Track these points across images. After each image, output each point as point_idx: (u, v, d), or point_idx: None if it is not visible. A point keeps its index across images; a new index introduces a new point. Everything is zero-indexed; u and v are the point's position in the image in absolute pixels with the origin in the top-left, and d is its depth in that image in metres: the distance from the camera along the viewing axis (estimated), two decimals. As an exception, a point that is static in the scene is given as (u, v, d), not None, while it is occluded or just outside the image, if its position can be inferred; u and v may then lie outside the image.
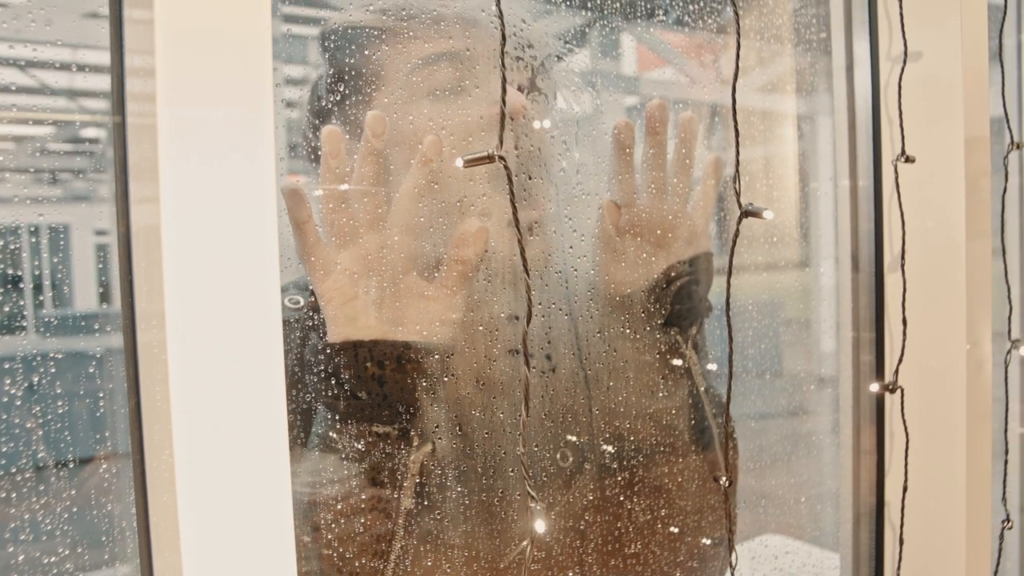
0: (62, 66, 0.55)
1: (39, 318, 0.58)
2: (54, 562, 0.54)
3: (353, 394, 0.60)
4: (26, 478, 0.54)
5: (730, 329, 0.57)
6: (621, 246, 0.74)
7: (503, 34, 0.45)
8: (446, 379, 0.64)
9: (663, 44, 0.93)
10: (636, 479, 0.75)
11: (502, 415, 0.67)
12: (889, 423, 0.86)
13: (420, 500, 0.63)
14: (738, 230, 0.54)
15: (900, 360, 0.80)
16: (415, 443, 0.62)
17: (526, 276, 0.45)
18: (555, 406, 0.71)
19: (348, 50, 0.68)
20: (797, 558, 0.96)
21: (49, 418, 0.54)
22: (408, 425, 0.62)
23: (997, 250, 0.88)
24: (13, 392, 0.53)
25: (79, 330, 0.58)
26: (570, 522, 0.72)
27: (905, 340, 0.80)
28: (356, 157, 0.60)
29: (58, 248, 0.58)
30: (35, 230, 0.56)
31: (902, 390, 0.80)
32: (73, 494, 0.55)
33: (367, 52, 0.68)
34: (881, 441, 0.87)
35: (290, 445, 0.46)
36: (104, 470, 0.54)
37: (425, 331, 0.63)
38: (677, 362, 0.75)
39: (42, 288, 0.59)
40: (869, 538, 0.89)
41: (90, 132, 0.59)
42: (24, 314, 0.56)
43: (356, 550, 0.61)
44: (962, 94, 0.79)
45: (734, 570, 0.59)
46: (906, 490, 0.82)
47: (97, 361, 0.54)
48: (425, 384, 0.62)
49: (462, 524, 0.66)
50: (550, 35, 0.75)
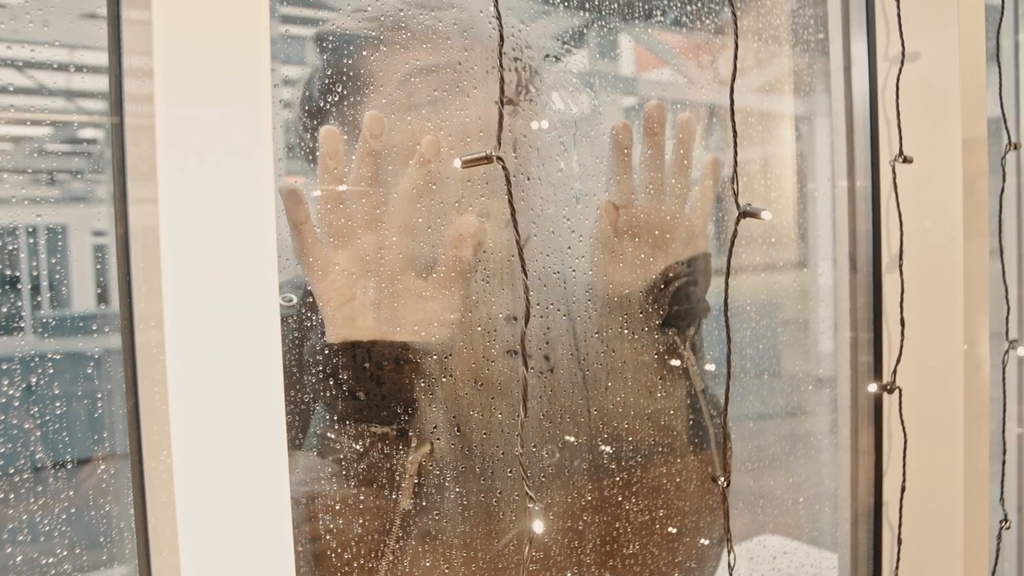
0: (60, 67, 0.55)
1: (37, 319, 0.58)
2: (52, 563, 0.54)
3: (351, 394, 0.60)
4: (24, 479, 0.54)
5: (728, 329, 0.57)
6: (619, 247, 0.74)
7: (501, 35, 0.45)
8: (444, 380, 0.64)
9: (661, 45, 0.93)
10: (633, 479, 0.75)
11: (500, 416, 0.67)
12: (887, 423, 0.86)
13: (418, 500, 0.63)
14: (736, 230, 0.55)
15: (898, 360, 0.80)
16: (413, 443, 0.62)
17: (524, 277, 0.45)
18: (553, 407, 0.71)
19: (341, 53, 0.68)
20: (795, 558, 0.96)
21: (47, 419, 0.54)
22: (406, 425, 0.62)
23: (995, 250, 0.88)
24: (11, 393, 0.53)
25: (77, 331, 0.58)
26: (567, 522, 0.72)
27: (903, 340, 0.80)
28: (354, 158, 0.60)
29: (56, 249, 0.58)
30: (33, 231, 0.56)
31: (900, 390, 0.80)
32: (71, 495, 0.55)
33: (358, 57, 0.68)
34: (879, 441, 0.87)
35: (288, 446, 0.46)
36: (102, 471, 0.54)
37: (423, 331, 0.63)
38: (675, 363, 0.75)
39: (40, 289, 0.58)
40: (867, 538, 0.89)
41: (88, 133, 0.59)
42: (22, 315, 0.56)
43: (354, 550, 0.61)
44: (960, 95, 0.79)
45: (732, 570, 0.59)
46: (904, 490, 0.82)
47: (95, 362, 0.54)
48: (423, 384, 0.62)
49: (460, 524, 0.66)
50: (547, 36, 0.75)
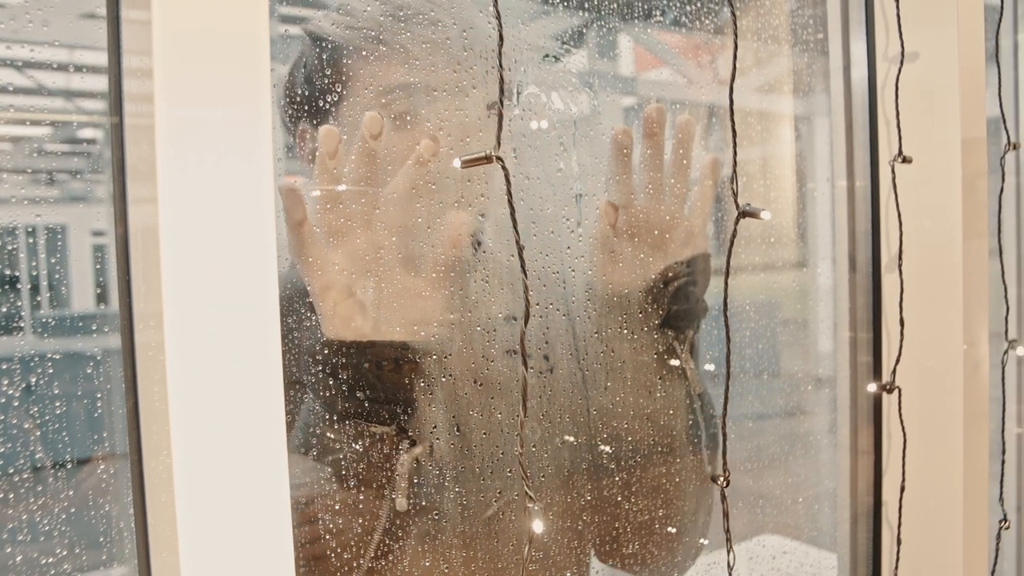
0: (59, 67, 0.55)
1: (36, 319, 0.58)
2: (52, 563, 0.54)
3: (350, 394, 0.60)
4: (24, 479, 0.54)
5: (728, 329, 0.57)
6: (619, 247, 0.74)
7: (500, 35, 0.45)
8: (444, 379, 0.64)
9: (660, 45, 0.93)
10: (632, 479, 0.75)
11: (500, 415, 0.67)
12: (887, 423, 0.86)
13: (417, 500, 0.63)
14: (735, 230, 0.55)
15: (897, 360, 0.80)
16: (412, 443, 0.62)
17: (523, 277, 0.45)
18: (553, 406, 0.71)
19: (327, 51, 0.68)
20: (795, 558, 0.96)
21: (47, 419, 0.54)
22: (405, 425, 0.62)
23: (994, 250, 0.88)
24: (11, 393, 0.53)
25: (77, 331, 0.58)
26: (568, 521, 0.72)
27: (902, 340, 0.80)
28: (352, 157, 0.60)
29: (56, 249, 0.58)
30: (33, 231, 0.56)
31: (899, 390, 0.80)
32: (71, 495, 0.55)
33: (341, 63, 0.68)
34: (878, 441, 0.88)
35: (288, 446, 0.46)
36: (102, 470, 0.54)
37: (421, 330, 0.63)
38: (674, 363, 0.75)
39: (39, 289, 0.59)
40: (866, 538, 0.89)
41: (87, 133, 0.59)
42: (22, 315, 0.56)
43: (353, 550, 0.61)
44: (959, 95, 0.79)
45: (732, 570, 0.59)
46: (903, 490, 0.82)
47: (95, 362, 0.54)
48: (423, 384, 0.62)
49: (459, 524, 0.66)
50: (547, 36, 0.75)
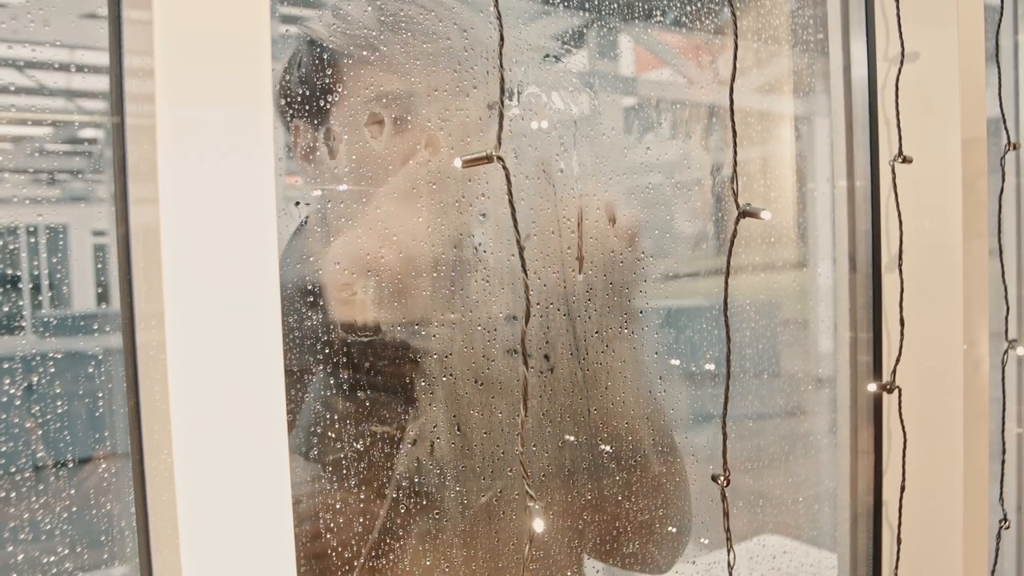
0: (61, 66, 0.55)
1: (38, 318, 0.58)
2: (53, 561, 0.54)
3: (351, 393, 0.60)
4: (25, 478, 0.54)
5: (728, 329, 0.57)
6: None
7: (501, 35, 0.45)
8: (444, 379, 0.64)
9: (661, 45, 0.93)
10: (620, 478, 0.75)
11: (500, 415, 0.67)
12: (887, 423, 0.86)
13: (418, 499, 0.63)
14: (736, 230, 0.55)
15: (898, 360, 0.80)
16: (413, 442, 0.62)
17: (524, 276, 0.45)
18: (553, 406, 0.71)
19: (324, 56, 0.68)
20: (795, 558, 0.96)
21: (48, 418, 0.54)
22: (406, 424, 0.62)
23: (994, 250, 0.88)
24: (12, 392, 0.53)
25: (78, 330, 0.58)
26: (568, 520, 0.73)
27: (903, 340, 0.81)
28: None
29: (57, 248, 0.58)
30: (34, 230, 0.56)
31: (900, 390, 0.80)
32: (72, 494, 0.55)
33: (341, 64, 0.68)
34: (879, 441, 0.88)
35: (289, 445, 0.46)
36: (103, 470, 0.54)
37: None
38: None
39: (41, 288, 0.59)
40: (867, 538, 0.89)
41: (89, 132, 0.59)
42: (23, 314, 0.56)
43: (354, 548, 0.61)
44: (959, 95, 0.79)
45: (732, 569, 0.59)
46: (904, 490, 0.82)
47: (96, 361, 0.54)
48: (423, 383, 0.63)
49: (460, 523, 0.66)
50: (547, 36, 0.75)
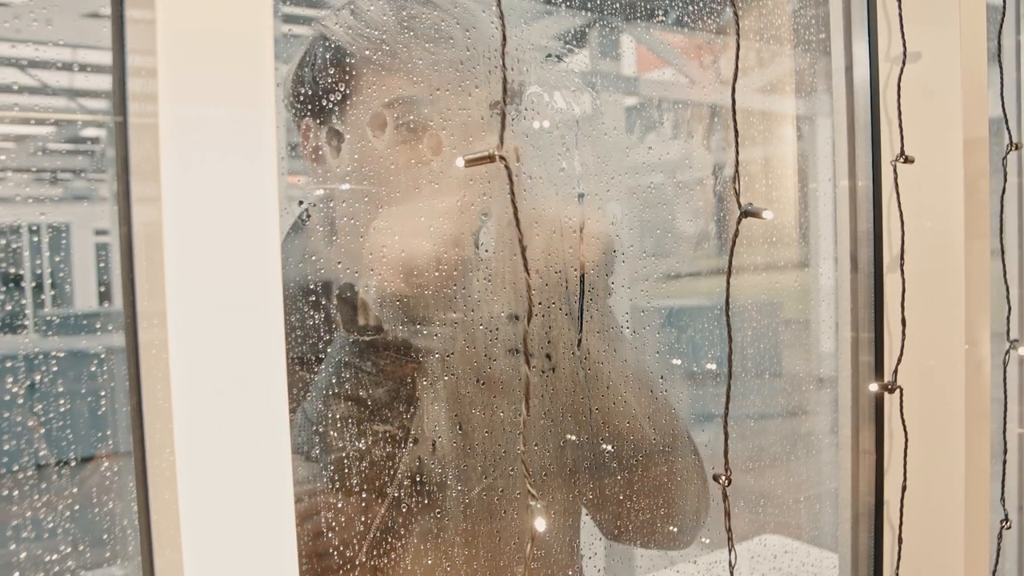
0: (63, 66, 0.55)
1: (40, 317, 0.58)
2: (55, 560, 0.54)
3: (353, 392, 0.60)
4: (28, 476, 0.54)
5: (729, 329, 0.57)
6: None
7: (503, 35, 0.45)
8: (446, 378, 0.64)
9: (663, 45, 0.93)
10: (624, 477, 0.75)
11: (502, 414, 0.67)
12: (888, 423, 0.86)
13: (419, 498, 0.63)
14: (738, 230, 0.55)
15: (899, 360, 0.80)
16: (415, 441, 0.62)
17: (526, 276, 0.45)
18: (555, 405, 0.71)
19: (334, 56, 0.68)
20: (796, 557, 0.96)
21: (51, 416, 0.54)
22: (408, 423, 0.62)
23: (996, 251, 0.88)
24: (15, 391, 0.53)
25: (80, 329, 0.58)
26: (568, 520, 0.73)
27: (904, 340, 0.80)
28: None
29: (59, 247, 0.58)
30: (36, 229, 0.56)
31: (901, 390, 0.80)
32: (75, 492, 0.55)
33: (351, 65, 0.68)
34: (880, 441, 0.87)
35: (291, 444, 0.46)
36: (105, 468, 0.54)
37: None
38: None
39: (43, 287, 0.59)
40: (868, 538, 0.89)
41: (91, 132, 0.59)
42: (26, 313, 0.56)
43: (356, 547, 0.61)
44: (961, 95, 0.79)
45: (733, 569, 0.59)
46: (905, 490, 0.82)
47: (99, 360, 0.55)
48: (425, 383, 0.63)
49: (462, 522, 0.66)
50: (549, 35, 0.75)
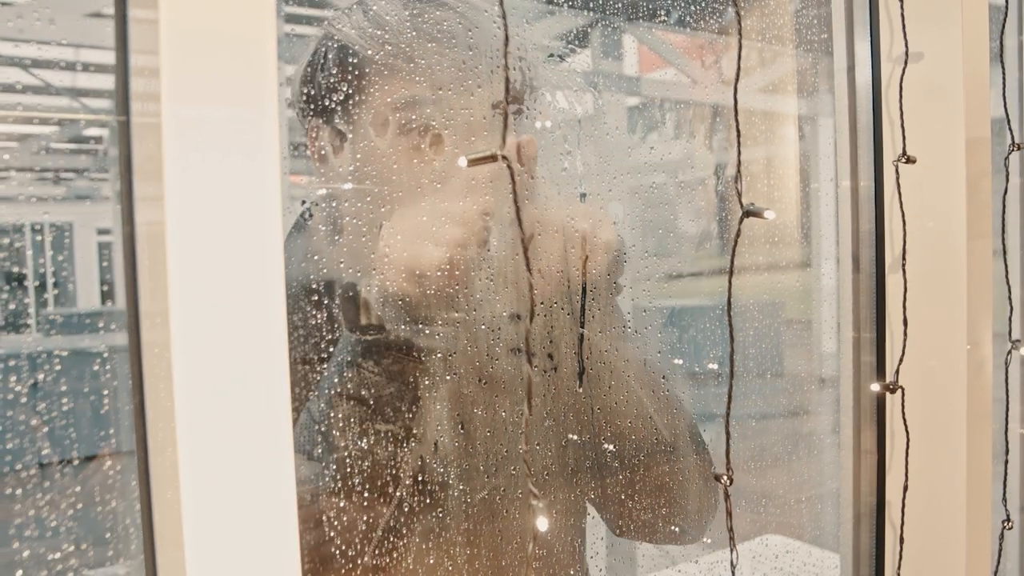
0: (66, 65, 0.55)
1: (43, 316, 0.58)
2: (58, 558, 0.54)
3: (356, 392, 0.61)
4: (31, 475, 0.54)
5: (731, 329, 0.57)
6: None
7: (506, 34, 0.45)
8: (448, 377, 0.64)
9: (665, 45, 0.93)
10: (626, 476, 0.75)
11: (504, 413, 0.67)
12: (890, 423, 0.86)
13: (422, 498, 0.63)
14: (739, 230, 0.55)
15: (901, 360, 0.80)
16: (417, 441, 0.62)
17: (528, 275, 0.45)
18: (557, 405, 0.71)
19: (345, 57, 0.68)
20: (797, 557, 0.96)
21: (53, 415, 0.54)
22: (410, 423, 0.62)
23: (998, 251, 0.88)
24: (18, 390, 0.53)
25: (83, 328, 0.58)
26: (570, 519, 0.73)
27: (906, 340, 0.80)
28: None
29: (62, 246, 0.58)
30: (40, 228, 0.56)
31: (903, 390, 0.80)
32: (77, 491, 0.55)
33: (358, 69, 0.68)
34: (882, 441, 0.87)
35: (294, 442, 0.46)
36: (108, 467, 0.54)
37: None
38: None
39: (46, 286, 0.59)
40: (869, 538, 0.89)
41: (94, 131, 0.59)
42: (29, 312, 0.56)
43: (358, 546, 0.61)
44: (963, 95, 0.79)
45: (735, 569, 0.59)
46: (906, 490, 0.82)
47: (101, 359, 0.55)
48: (427, 382, 0.63)
49: (464, 521, 0.66)
50: (552, 36, 0.75)
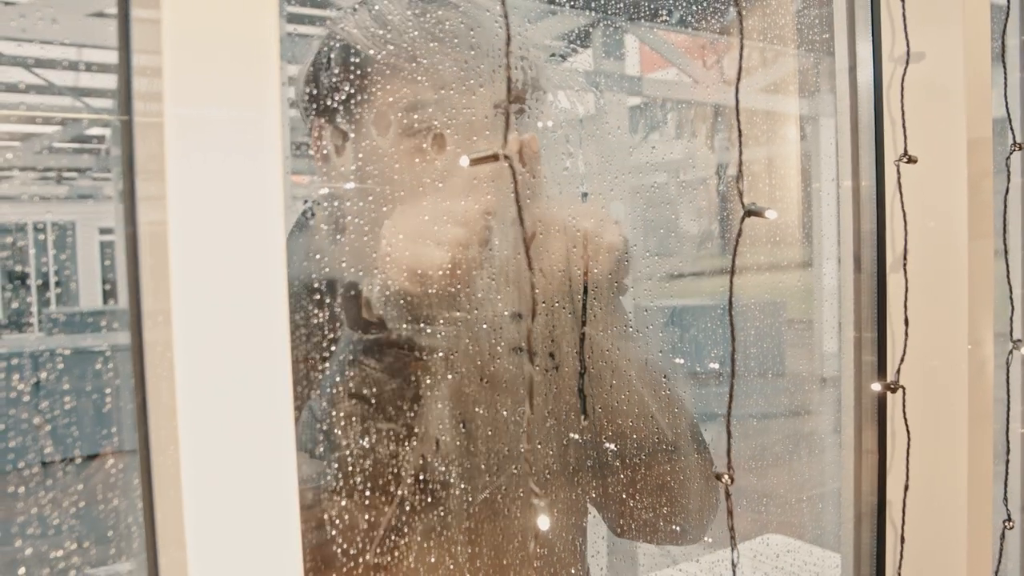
0: (69, 65, 0.55)
1: (46, 315, 0.58)
2: (60, 557, 0.54)
3: (357, 390, 0.61)
4: (33, 473, 0.54)
5: (732, 329, 0.57)
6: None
7: (508, 34, 0.45)
8: (450, 376, 0.64)
9: (667, 44, 0.93)
10: (628, 476, 0.75)
11: (505, 412, 0.67)
12: (891, 423, 0.86)
13: (423, 496, 0.63)
14: (741, 230, 0.55)
15: (902, 360, 0.80)
16: (418, 439, 0.62)
17: (530, 274, 0.45)
18: (559, 404, 0.71)
19: (350, 58, 0.68)
20: (798, 557, 0.96)
21: (56, 414, 0.55)
22: (412, 422, 0.62)
23: (999, 251, 0.88)
24: (21, 388, 0.53)
25: (85, 327, 0.59)
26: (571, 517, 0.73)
27: (907, 340, 0.80)
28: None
29: (65, 245, 0.58)
30: (42, 228, 0.56)
31: (904, 390, 0.80)
32: (80, 489, 0.55)
33: (361, 68, 0.68)
34: (883, 441, 0.87)
35: (296, 442, 0.46)
36: (110, 466, 0.55)
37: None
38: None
39: (49, 285, 0.59)
40: (870, 537, 0.89)
41: (96, 131, 0.60)
42: (32, 311, 0.57)
43: (359, 545, 0.61)
44: (964, 95, 0.79)
45: (736, 568, 0.59)
46: (907, 489, 0.82)
47: (104, 358, 0.55)
48: (429, 381, 0.63)
49: (465, 520, 0.66)
50: (554, 35, 0.75)
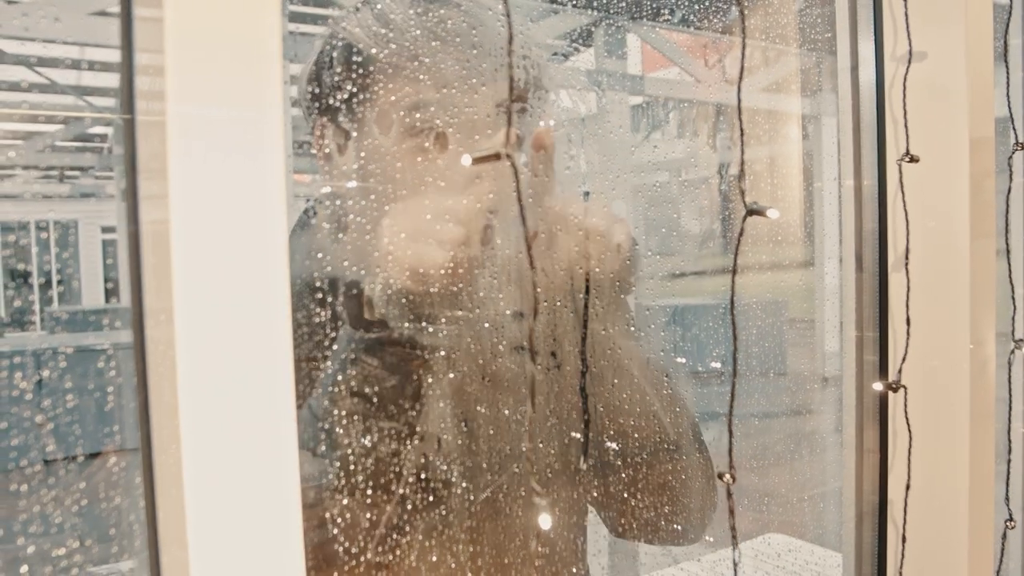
0: (72, 63, 0.55)
1: (48, 314, 0.58)
2: (63, 555, 0.54)
3: (359, 389, 0.61)
4: (36, 472, 0.54)
5: (734, 328, 0.57)
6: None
7: (510, 33, 0.45)
8: (452, 375, 0.64)
9: (669, 44, 0.93)
10: (631, 472, 0.75)
11: (507, 411, 0.67)
12: (892, 422, 0.86)
13: (424, 495, 0.63)
14: (743, 229, 0.55)
15: (904, 359, 0.80)
16: (420, 438, 0.62)
17: (532, 273, 0.45)
18: (560, 403, 0.71)
19: (353, 57, 0.68)
20: (800, 556, 0.96)
21: (58, 412, 0.55)
22: (413, 420, 0.62)
23: (1001, 250, 0.88)
24: (24, 387, 0.53)
25: (88, 325, 0.59)
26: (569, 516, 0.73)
27: (909, 339, 0.80)
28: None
29: (67, 244, 0.58)
30: (44, 226, 0.56)
31: (905, 389, 0.80)
32: (82, 487, 0.55)
33: (363, 67, 0.68)
34: (884, 440, 0.87)
35: (298, 440, 0.46)
36: (112, 464, 0.55)
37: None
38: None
39: (51, 284, 0.59)
40: (872, 537, 0.89)
41: (99, 129, 0.60)
42: (34, 309, 0.57)
43: (361, 544, 0.61)
44: (967, 94, 0.79)
45: (737, 567, 0.59)
46: (909, 489, 0.82)
47: (106, 356, 0.55)
48: (430, 380, 0.63)
49: (467, 519, 0.66)
50: (556, 35, 0.75)
